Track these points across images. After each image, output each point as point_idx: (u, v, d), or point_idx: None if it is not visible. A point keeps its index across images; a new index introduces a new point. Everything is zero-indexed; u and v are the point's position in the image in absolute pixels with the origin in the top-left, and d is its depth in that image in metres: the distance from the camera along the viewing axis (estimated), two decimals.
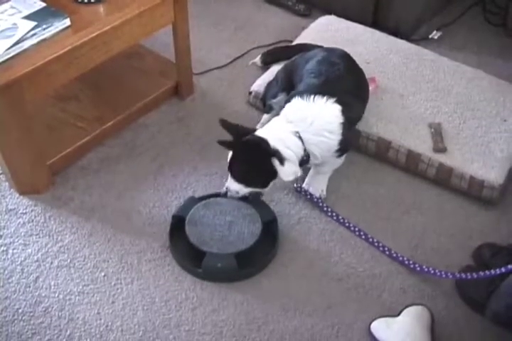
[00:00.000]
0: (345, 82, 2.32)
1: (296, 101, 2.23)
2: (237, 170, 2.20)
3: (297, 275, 2.21)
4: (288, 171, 2.17)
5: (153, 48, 2.84)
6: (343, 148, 2.27)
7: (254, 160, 2.18)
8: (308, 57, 2.44)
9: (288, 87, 2.45)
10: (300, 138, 2.18)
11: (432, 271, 2.17)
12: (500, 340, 2.07)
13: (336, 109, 2.21)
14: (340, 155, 2.31)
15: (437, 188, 2.48)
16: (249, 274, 2.20)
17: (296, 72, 2.43)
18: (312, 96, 2.21)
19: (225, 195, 2.27)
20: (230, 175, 2.23)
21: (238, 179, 2.21)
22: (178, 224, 2.25)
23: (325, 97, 2.21)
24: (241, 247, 2.18)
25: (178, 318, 2.09)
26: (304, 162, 2.22)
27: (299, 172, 2.20)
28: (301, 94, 2.24)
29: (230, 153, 2.20)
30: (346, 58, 2.44)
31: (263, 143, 2.15)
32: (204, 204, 2.29)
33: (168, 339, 2.04)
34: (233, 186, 2.23)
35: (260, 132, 2.20)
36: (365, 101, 2.46)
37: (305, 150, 2.19)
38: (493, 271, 2.03)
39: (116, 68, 2.71)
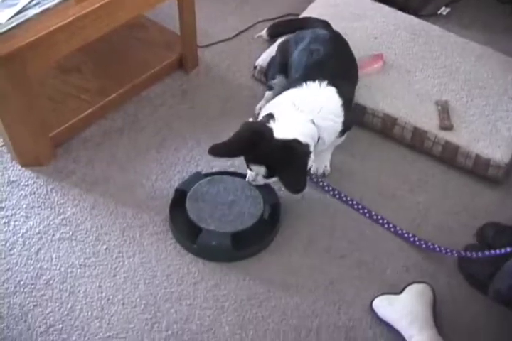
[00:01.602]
0: (327, 65, 2.29)
1: (291, 90, 2.20)
2: (272, 171, 2.12)
3: (299, 252, 2.21)
4: (310, 162, 2.17)
5: (158, 20, 2.80)
6: (346, 128, 2.27)
7: (292, 163, 2.08)
8: (298, 41, 2.42)
9: (284, 69, 2.43)
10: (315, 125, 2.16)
11: (438, 249, 2.16)
12: (502, 319, 2.07)
13: (331, 90, 2.20)
14: (342, 135, 2.30)
15: (442, 166, 2.46)
16: (242, 256, 2.18)
17: (289, 56, 2.41)
18: (304, 83, 2.19)
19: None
20: (257, 170, 2.15)
21: (269, 175, 2.15)
22: (179, 198, 2.24)
23: (316, 81, 2.19)
24: (238, 227, 2.16)
25: (180, 292, 2.09)
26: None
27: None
28: (291, 85, 2.22)
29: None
30: (329, 42, 2.38)
31: (298, 145, 2.08)
32: (208, 181, 2.27)
33: (170, 313, 2.04)
34: (261, 180, 2.19)
35: (281, 128, 2.10)
36: (355, 83, 2.44)
37: (318, 137, 2.17)
38: (498, 251, 2.02)
39: (119, 40, 2.68)
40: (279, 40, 2.64)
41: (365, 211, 2.29)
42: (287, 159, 2.07)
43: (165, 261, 2.15)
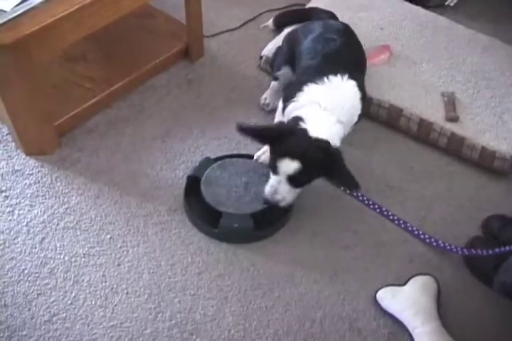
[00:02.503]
0: (344, 56, 2.25)
1: (313, 87, 2.14)
2: (305, 170, 2.00)
3: (304, 242, 2.21)
4: None
5: (164, 9, 2.79)
6: (359, 120, 2.24)
7: (334, 163, 2.03)
8: (307, 32, 2.37)
9: (291, 60, 2.39)
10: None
11: (448, 247, 2.16)
12: (506, 311, 2.07)
13: (352, 84, 2.16)
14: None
15: (448, 158, 2.45)
16: (264, 235, 2.19)
17: (296, 46, 2.36)
18: (325, 78, 2.14)
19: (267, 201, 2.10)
20: (282, 177, 2.03)
21: (299, 177, 2.03)
22: (192, 185, 2.24)
23: (338, 75, 2.15)
24: (257, 208, 2.17)
25: (184, 282, 2.09)
26: None
27: None
28: (309, 78, 2.16)
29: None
30: (343, 32, 2.35)
31: (331, 146, 2.04)
32: (219, 165, 2.27)
33: (173, 302, 2.04)
34: (283, 190, 2.05)
35: (313, 129, 2.04)
36: (364, 73, 2.40)
37: None
38: (507, 247, 2.01)
39: (125, 28, 2.67)
40: (286, 30, 2.63)
41: (376, 206, 2.27)
42: (325, 158, 2.01)
43: (169, 251, 2.15)
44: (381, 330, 2.02)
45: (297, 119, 2.07)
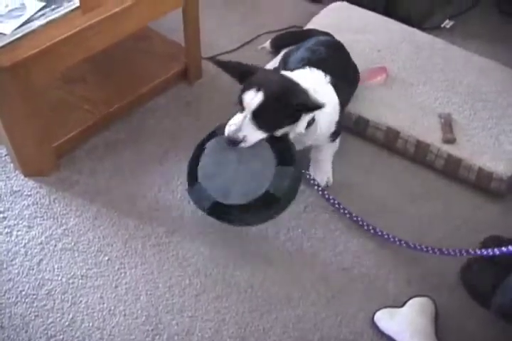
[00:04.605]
0: (330, 66, 2.25)
1: (300, 71, 2.18)
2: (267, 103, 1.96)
3: (302, 264, 2.21)
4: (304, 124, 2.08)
5: (162, 31, 2.81)
6: (337, 131, 2.24)
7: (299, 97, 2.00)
8: (298, 46, 2.43)
9: None
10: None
11: (446, 252, 2.13)
12: (504, 333, 2.06)
13: (330, 88, 2.18)
14: (333, 140, 2.29)
15: (445, 179, 2.46)
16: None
17: (287, 61, 2.40)
18: (307, 67, 2.18)
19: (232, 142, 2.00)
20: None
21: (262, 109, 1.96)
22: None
23: (321, 72, 2.18)
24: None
25: (182, 304, 2.09)
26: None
27: (303, 130, 2.09)
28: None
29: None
30: (332, 45, 2.41)
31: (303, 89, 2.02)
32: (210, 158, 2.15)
33: (171, 324, 2.04)
34: (248, 127, 1.98)
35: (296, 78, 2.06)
36: (352, 87, 2.44)
37: (314, 119, 2.11)
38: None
39: (124, 51, 2.69)
40: (283, 51, 2.65)
41: (370, 227, 2.26)
42: (292, 94, 1.97)
43: (167, 273, 2.15)
44: None
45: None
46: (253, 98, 1.95)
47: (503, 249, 2.01)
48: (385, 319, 2.05)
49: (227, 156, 2.09)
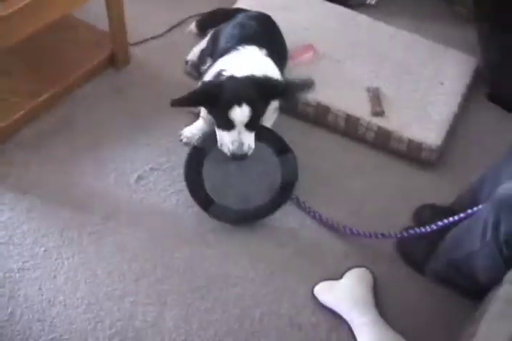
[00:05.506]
0: (261, 38, 2.31)
1: (227, 58, 2.22)
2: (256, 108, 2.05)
3: (239, 243, 2.22)
4: None
5: (87, 19, 2.76)
6: (285, 92, 2.22)
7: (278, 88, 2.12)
8: (228, 23, 2.44)
9: (213, 52, 2.43)
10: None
11: (381, 236, 2.16)
12: (441, 298, 2.12)
13: (269, 60, 2.24)
14: (274, 111, 2.32)
15: (376, 152, 2.50)
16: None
17: (217, 38, 2.42)
18: (240, 47, 2.23)
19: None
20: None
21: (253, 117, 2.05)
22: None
23: (254, 46, 2.23)
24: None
25: (122, 290, 2.08)
26: None
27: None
28: (224, 52, 2.24)
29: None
30: (261, 18, 2.45)
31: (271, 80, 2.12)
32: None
33: (113, 311, 2.03)
34: (248, 138, 2.06)
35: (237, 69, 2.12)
36: (284, 60, 2.47)
37: None
38: (428, 228, 2.04)
39: (48, 40, 2.64)
40: (211, 32, 2.65)
41: (311, 212, 2.29)
42: (268, 89, 2.07)
43: (105, 260, 2.14)
44: (321, 325, 2.05)
45: (219, 72, 2.13)
46: (241, 115, 2.01)
47: (432, 226, 2.04)
48: (325, 292, 2.08)
49: (228, 167, 2.19)
